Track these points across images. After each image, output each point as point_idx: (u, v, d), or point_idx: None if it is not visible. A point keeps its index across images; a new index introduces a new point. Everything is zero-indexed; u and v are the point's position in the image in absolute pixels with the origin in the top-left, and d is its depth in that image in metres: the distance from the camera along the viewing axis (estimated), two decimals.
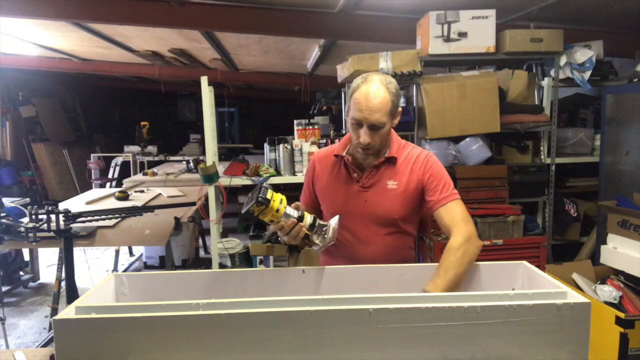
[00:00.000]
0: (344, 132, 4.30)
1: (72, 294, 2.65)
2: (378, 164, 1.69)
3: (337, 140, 3.45)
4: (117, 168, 7.44)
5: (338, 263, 1.70)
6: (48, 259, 5.28)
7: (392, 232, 1.72)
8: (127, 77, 9.05)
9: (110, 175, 7.43)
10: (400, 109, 1.66)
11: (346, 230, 1.71)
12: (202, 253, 5.58)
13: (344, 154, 1.74)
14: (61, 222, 2.58)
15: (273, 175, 3.36)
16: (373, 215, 1.69)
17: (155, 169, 5.93)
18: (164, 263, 4.45)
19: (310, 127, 3.52)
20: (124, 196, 4.21)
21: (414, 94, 3.63)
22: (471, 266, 1.54)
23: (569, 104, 4.38)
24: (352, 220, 1.70)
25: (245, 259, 3.45)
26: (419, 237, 3.65)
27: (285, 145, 3.45)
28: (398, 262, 1.62)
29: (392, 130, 1.73)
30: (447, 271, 1.48)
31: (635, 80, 3.44)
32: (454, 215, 1.61)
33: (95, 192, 4.76)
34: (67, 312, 1.20)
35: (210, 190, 3.26)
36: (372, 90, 1.57)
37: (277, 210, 1.46)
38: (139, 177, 5.64)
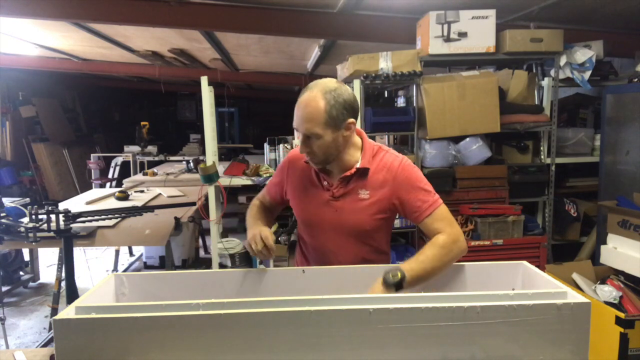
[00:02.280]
0: None
1: (72, 294, 2.65)
2: (349, 175, 1.61)
3: None
4: (117, 168, 7.44)
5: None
6: (48, 259, 5.28)
7: (363, 243, 1.67)
8: (127, 77, 9.06)
9: (110, 175, 7.43)
10: (351, 120, 1.53)
11: (317, 239, 1.69)
12: (202, 253, 5.58)
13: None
14: (61, 222, 2.58)
15: None
16: (344, 226, 1.63)
17: (155, 169, 5.92)
18: (164, 263, 4.45)
19: None
20: (124, 196, 4.21)
21: (414, 94, 3.63)
22: (449, 267, 1.53)
23: (569, 104, 4.38)
24: (322, 229, 1.66)
25: (245, 259, 3.45)
26: (419, 237, 3.67)
27: (285, 145, 3.45)
28: None
29: (363, 135, 1.66)
30: (426, 261, 1.48)
31: (635, 80, 3.44)
32: (441, 222, 1.58)
33: (95, 192, 4.76)
34: (67, 312, 1.21)
35: (210, 190, 3.25)
36: (306, 99, 1.49)
37: None
38: (139, 177, 5.63)
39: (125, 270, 5.14)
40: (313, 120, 1.48)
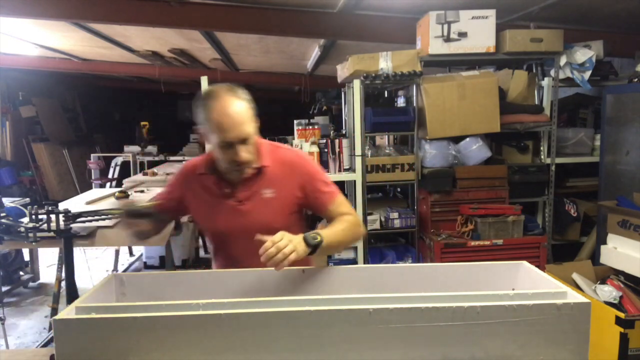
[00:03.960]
0: (344, 131, 4.29)
1: (72, 294, 2.64)
2: (249, 176, 1.59)
3: (336, 141, 3.46)
4: (117, 168, 7.44)
5: None
6: (48, 259, 5.28)
7: None
8: (127, 77, 9.06)
9: (110, 175, 7.43)
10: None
11: (229, 248, 1.66)
12: (202, 253, 5.58)
13: (207, 172, 1.63)
14: (61, 222, 2.58)
15: None
16: (254, 229, 1.55)
17: (155, 169, 5.92)
18: (164, 263, 4.45)
19: (310, 127, 3.52)
20: (124, 196, 4.20)
21: (414, 94, 3.63)
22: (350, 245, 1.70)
23: (569, 104, 4.38)
24: (233, 237, 1.63)
25: None
26: (419, 237, 3.67)
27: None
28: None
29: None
30: (340, 234, 1.53)
31: (635, 80, 3.44)
32: (344, 207, 1.64)
33: (95, 192, 4.75)
34: (67, 312, 1.21)
35: None
36: (226, 104, 1.45)
37: None
38: (139, 177, 5.63)
39: (125, 270, 5.14)
40: (246, 121, 1.47)
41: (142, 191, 4.65)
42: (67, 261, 2.69)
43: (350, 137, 3.52)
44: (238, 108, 1.46)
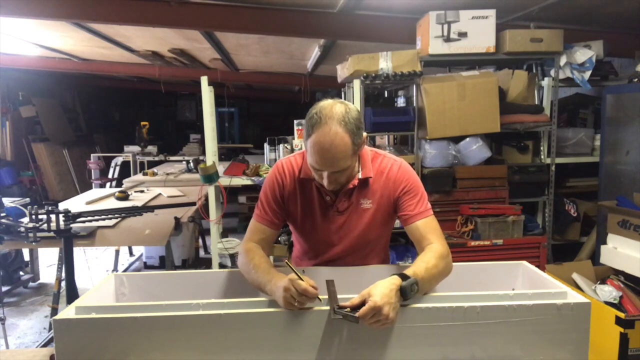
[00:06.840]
0: None
1: (72, 294, 2.65)
2: (352, 187, 1.56)
3: None
4: (117, 168, 7.44)
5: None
6: (48, 259, 5.28)
7: (369, 251, 1.66)
8: (127, 77, 9.05)
9: (110, 175, 7.43)
10: (365, 134, 1.47)
11: (323, 254, 1.66)
12: (202, 253, 5.57)
13: (306, 176, 1.59)
14: (61, 222, 2.58)
15: None
16: (350, 238, 1.61)
17: (155, 169, 5.92)
18: (164, 263, 4.44)
19: None
20: (124, 196, 4.21)
21: (414, 94, 3.63)
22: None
23: (569, 104, 4.38)
24: (328, 244, 1.64)
25: None
26: None
27: (285, 145, 3.45)
28: None
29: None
30: (433, 277, 1.36)
31: (635, 80, 3.44)
32: (433, 229, 1.52)
33: (95, 192, 4.76)
34: (67, 312, 1.21)
35: (210, 190, 3.26)
36: (328, 137, 1.37)
37: None
38: (139, 177, 5.63)
39: (125, 270, 5.14)
40: (344, 157, 1.41)
41: (142, 191, 4.65)
42: (67, 261, 2.69)
43: None
44: (340, 144, 1.38)
